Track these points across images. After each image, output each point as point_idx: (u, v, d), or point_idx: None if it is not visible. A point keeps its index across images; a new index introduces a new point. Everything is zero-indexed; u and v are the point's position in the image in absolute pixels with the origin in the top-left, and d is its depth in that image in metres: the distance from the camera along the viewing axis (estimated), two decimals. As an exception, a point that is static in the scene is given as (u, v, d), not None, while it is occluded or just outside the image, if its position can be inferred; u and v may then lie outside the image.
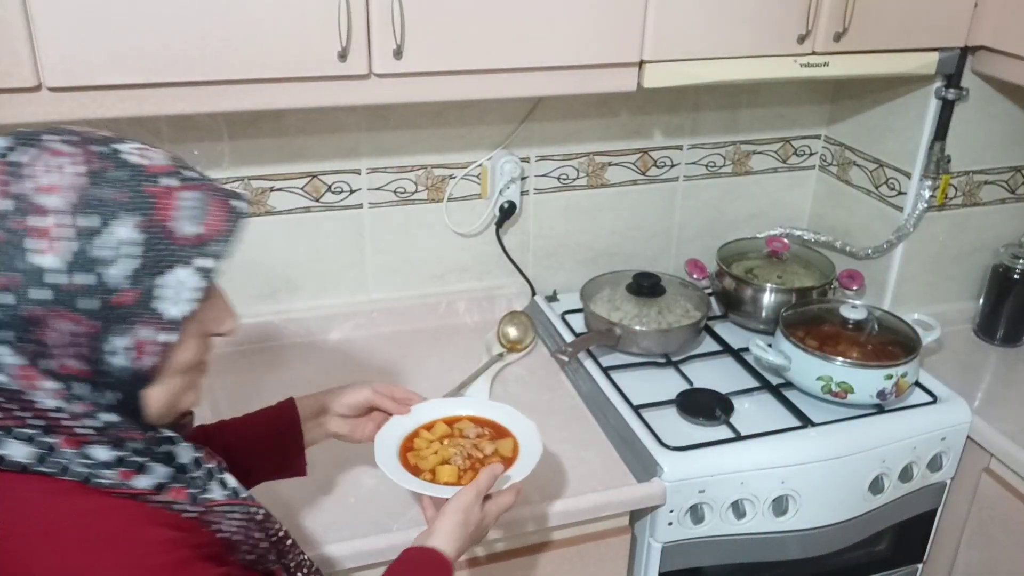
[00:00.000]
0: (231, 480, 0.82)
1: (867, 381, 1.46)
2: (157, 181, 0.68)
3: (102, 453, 0.70)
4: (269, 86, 1.20)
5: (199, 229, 0.69)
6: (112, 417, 0.71)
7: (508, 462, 1.10)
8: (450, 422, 1.17)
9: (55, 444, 0.69)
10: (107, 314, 0.66)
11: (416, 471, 1.08)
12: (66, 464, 0.69)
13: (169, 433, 0.78)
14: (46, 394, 0.68)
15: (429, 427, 1.16)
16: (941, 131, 1.62)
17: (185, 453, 0.78)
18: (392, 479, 1.05)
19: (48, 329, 0.66)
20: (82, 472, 0.69)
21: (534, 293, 1.83)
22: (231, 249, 0.71)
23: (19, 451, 0.68)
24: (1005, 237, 1.79)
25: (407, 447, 1.13)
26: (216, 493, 0.79)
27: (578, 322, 1.73)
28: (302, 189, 1.61)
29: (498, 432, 1.17)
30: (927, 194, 1.66)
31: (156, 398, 0.73)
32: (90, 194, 0.65)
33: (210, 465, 0.81)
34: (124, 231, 0.66)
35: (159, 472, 0.73)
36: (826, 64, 1.45)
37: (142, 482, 0.72)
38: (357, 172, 1.63)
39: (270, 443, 1.10)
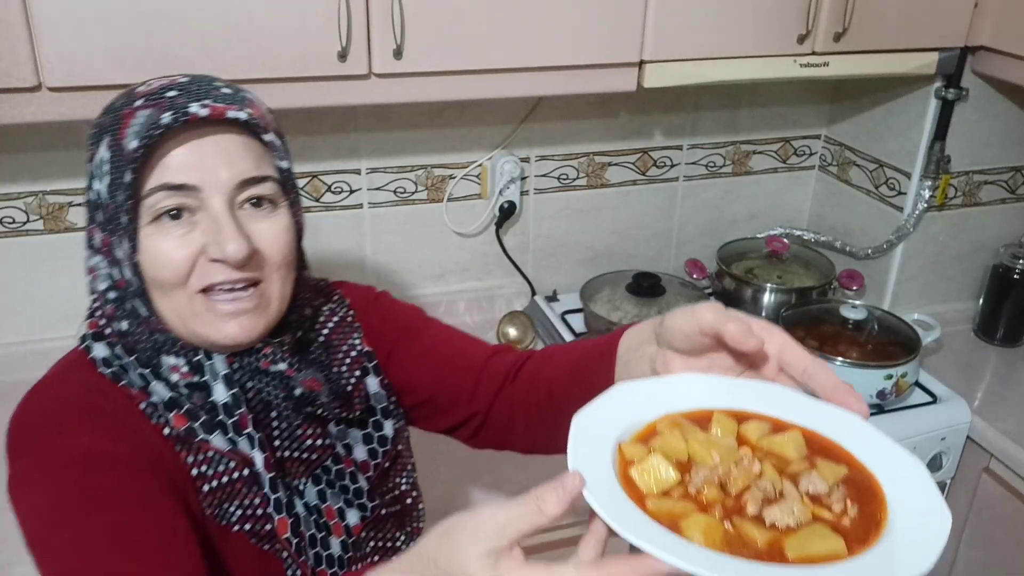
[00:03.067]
0: (245, 439, 0.79)
1: (867, 381, 1.46)
2: (132, 102, 0.74)
3: (123, 353, 0.78)
4: (269, 86, 1.20)
5: (135, 143, 0.71)
6: (126, 325, 0.78)
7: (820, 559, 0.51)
8: (821, 449, 0.61)
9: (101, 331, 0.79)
10: (107, 226, 0.74)
11: (643, 440, 0.59)
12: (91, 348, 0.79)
13: (222, 369, 0.79)
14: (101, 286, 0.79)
15: (781, 428, 0.62)
16: (941, 131, 1.62)
17: (222, 392, 0.78)
18: (579, 414, 0.59)
19: (92, 238, 0.77)
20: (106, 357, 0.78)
21: (534, 293, 1.83)
22: (136, 161, 0.71)
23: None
24: (1005, 237, 1.79)
25: (701, 419, 0.62)
26: (217, 439, 0.78)
27: (578, 322, 1.73)
28: (302, 189, 1.60)
29: (861, 529, 0.54)
30: (927, 194, 1.66)
31: (167, 314, 0.76)
32: (97, 122, 0.76)
33: (235, 417, 0.78)
34: (102, 151, 0.74)
35: (161, 391, 0.77)
36: (826, 64, 1.45)
37: (156, 393, 0.77)
38: (357, 172, 1.63)
39: (585, 380, 0.81)
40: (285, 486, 0.82)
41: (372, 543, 0.88)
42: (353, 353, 0.90)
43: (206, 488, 0.77)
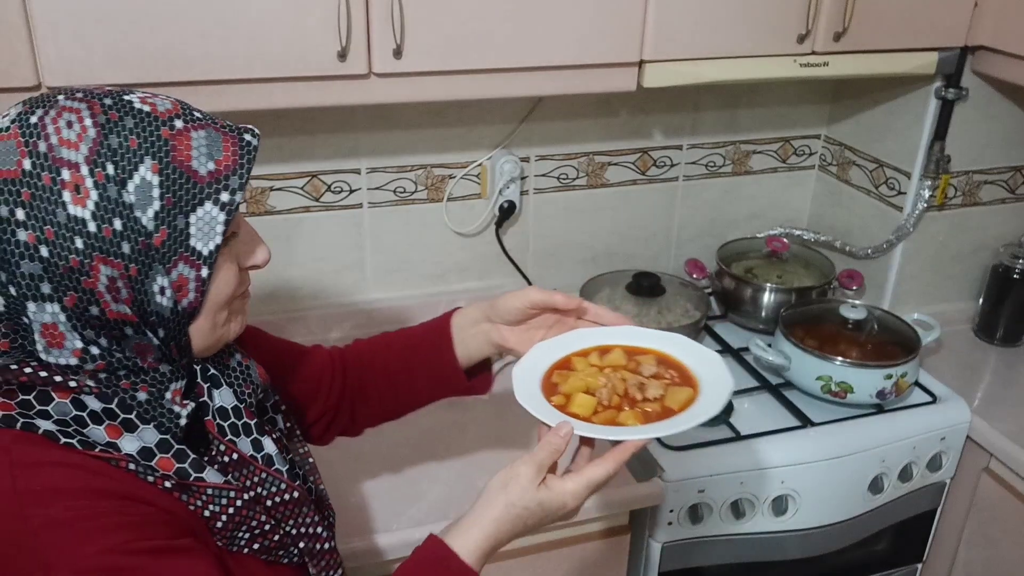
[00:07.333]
0: (246, 439, 0.83)
1: (867, 381, 1.46)
2: (171, 124, 0.72)
3: (93, 403, 0.73)
4: (269, 86, 1.20)
5: (213, 165, 0.72)
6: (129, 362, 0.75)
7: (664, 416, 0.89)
8: (633, 352, 0.97)
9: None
10: (144, 256, 0.70)
11: (552, 391, 0.92)
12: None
13: (213, 372, 0.82)
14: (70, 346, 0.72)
15: (606, 351, 0.97)
16: (941, 131, 1.62)
17: (227, 396, 0.82)
18: (518, 394, 0.89)
19: (91, 277, 0.70)
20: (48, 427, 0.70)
21: (534, 293, 1.83)
22: (245, 182, 0.74)
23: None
24: (1005, 237, 1.79)
25: (564, 365, 0.96)
26: (210, 475, 0.77)
27: (578, 322, 1.73)
28: (302, 189, 1.61)
29: (684, 380, 0.93)
30: (927, 194, 1.66)
31: (200, 331, 0.77)
32: (106, 144, 0.69)
33: (243, 417, 0.82)
34: (144, 175, 0.70)
35: (149, 436, 0.74)
36: (826, 64, 1.45)
37: (128, 445, 0.73)
38: (357, 172, 1.63)
39: (424, 357, 1.05)
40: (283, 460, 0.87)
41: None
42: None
43: (219, 524, 0.78)
